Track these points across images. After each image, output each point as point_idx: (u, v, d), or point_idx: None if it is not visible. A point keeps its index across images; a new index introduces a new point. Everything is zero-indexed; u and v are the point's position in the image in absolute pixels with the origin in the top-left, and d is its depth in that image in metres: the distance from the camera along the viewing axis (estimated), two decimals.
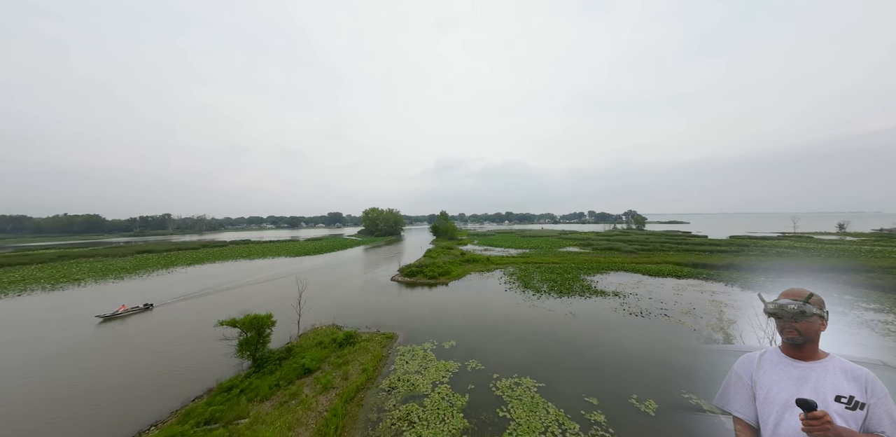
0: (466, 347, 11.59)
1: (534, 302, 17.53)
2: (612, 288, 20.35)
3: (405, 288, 22.27)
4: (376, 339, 12.13)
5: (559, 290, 20.13)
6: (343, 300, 18.72)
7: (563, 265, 29.29)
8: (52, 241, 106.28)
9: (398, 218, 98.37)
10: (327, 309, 16.78)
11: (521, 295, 19.25)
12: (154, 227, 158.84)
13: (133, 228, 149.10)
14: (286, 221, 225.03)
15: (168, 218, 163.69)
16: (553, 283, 22.01)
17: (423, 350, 11.28)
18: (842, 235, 59.63)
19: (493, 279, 24.18)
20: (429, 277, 24.39)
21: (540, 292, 19.98)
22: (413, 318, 15.25)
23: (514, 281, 23.16)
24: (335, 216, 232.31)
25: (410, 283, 23.74)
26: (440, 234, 71.28)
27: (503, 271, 27.48)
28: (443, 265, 27.21)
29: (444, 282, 23.78)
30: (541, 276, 24.43)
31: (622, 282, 22.28)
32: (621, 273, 25.70)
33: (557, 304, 17.17)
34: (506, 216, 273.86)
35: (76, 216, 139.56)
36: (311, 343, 11.48)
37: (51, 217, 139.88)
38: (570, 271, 26.02)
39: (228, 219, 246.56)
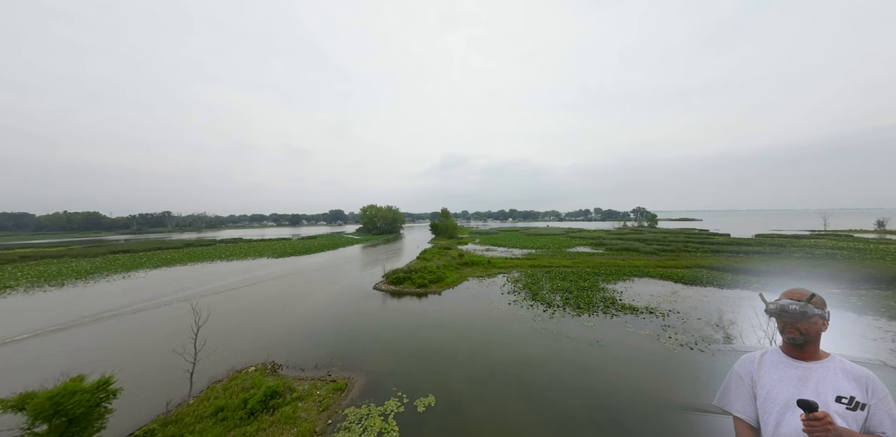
0: (451, 409, 7.66)
1: (546, 323, 13.54)
2: (642, 302, 16.28)
3: (388, 299, 18.44)
4: (317, 392, 8.22)
5: (576, 303, 16.13)
6: (301, 321, 14.60)
7: (576, 270, 25.20)
8: (50, 238, 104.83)
9: (397, 215, 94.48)
10: (275, 337, 12.82)
11: (530, 311, 15.29)
12: (154, 224, 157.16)
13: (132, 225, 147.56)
14: (288, 218, 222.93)
15: (168, 216, 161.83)
16: (567, 293, 18.00)
17: (382, 416, 7.38)
18: (881, 233, 54.18)
19: (494, 288, 20.23)
20: (418, 285, 20.48)
21: (552, 306, 16.00)
22: (385, 348, 11.35)
23: (520, 290, 19.18)
24: (337, 214, 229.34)
25: (395, 293, 19.90)
26: (439, 232, 67.41)
27: (506, 277, 23.51)
28: (436, 270, 23.29)
29: (436, 291, 19.90)
30: (552, 284, 20.41)
31: (653, 293, 18.15)
32: (648, 280, 21.54)
33: (576, 326, 13.17)
34: (510, 214, 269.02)
35: (76, 214, 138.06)
36: (206, 410, 7.26)
37: (51, 215, 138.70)
38: (586, 278, 21.96)
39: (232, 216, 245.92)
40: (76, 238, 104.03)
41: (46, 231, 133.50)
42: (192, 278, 25.20)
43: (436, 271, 23.14)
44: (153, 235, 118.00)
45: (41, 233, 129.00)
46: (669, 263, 26.84)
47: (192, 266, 31.93)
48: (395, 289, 20.41)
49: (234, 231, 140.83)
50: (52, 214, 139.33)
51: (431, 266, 24.46)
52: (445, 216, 73.03)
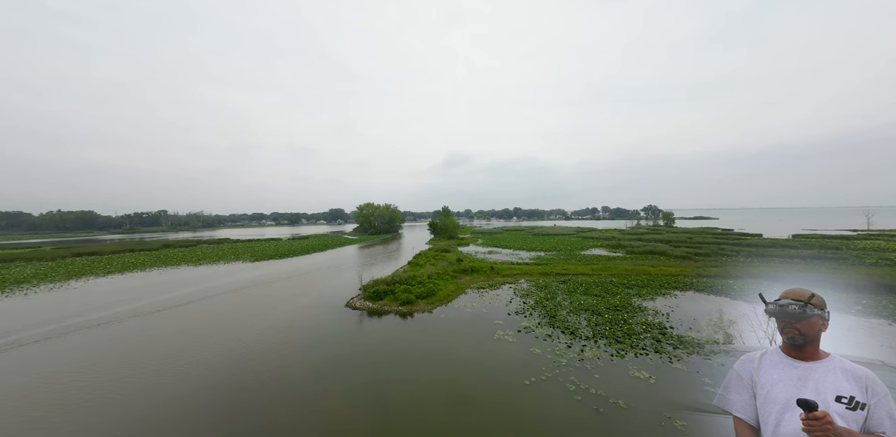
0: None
1: (575, 370, 9.11)
2: (702, 330, 11.79)
3: (364, 320, 14.14)
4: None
5: (611, 332, 11.70)
6: (213, 372, 10.16)
7: (599, 279, 20.70)
8: (38, 238, 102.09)
9: (395, 214, 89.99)
10: (147, 411, 8.60)
11: (548, 345, 10.89)
12: (149, 224, 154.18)
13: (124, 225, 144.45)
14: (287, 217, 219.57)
15: (164, 214, 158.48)
16: (596, 315, 13.55)
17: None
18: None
19: (498, 305, 15.84)
20: (401, 302, 16.11)
21: (576, 335, 11.61)
22: (328, 419, 7.03)
23: (532, 309, 14.77)
24: (337, 213, 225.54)
25: (373, 311, 15.58)
26: (439, 232, 63.02)
27: (513, 288, 19.12)
28: (426, 281, 18.89)
29: (425, 308, 15.57)
30: (571, 300, 15.95)
31: (709, 314, 13.63)
32: (693, 295, 17.00)
33: (621, 375, 8.72)
34: (514, 212, 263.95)
35: (69, 213, 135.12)
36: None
37: (45, 214, 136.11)
38: (615, 291, 17.48)
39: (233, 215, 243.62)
40: (67, 238, 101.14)
41: (40, 231, 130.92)
42: (136, 290, 20.89)
43: (426, 282, 18.74)
44: (147, 234, 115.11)
45: (33, 232, 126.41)
46: (711, 270, 22.22)
47: (150, 273, 27.71)
48: (371, 306, 16.06)
49: (231, 230, 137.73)
50: (47, 213, 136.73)
51: (422, 276, 20.08)
52: (446, 215, 68.63)
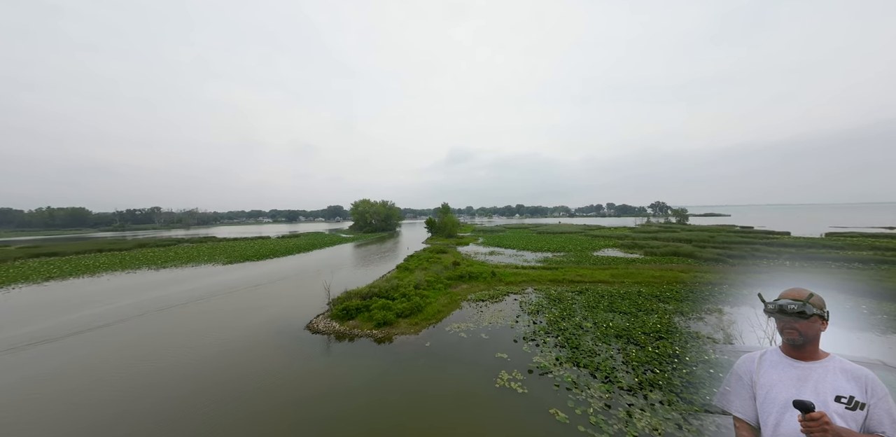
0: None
1: None
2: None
3: (326, 349, 10.59)
4: None
5: (662, 377, 8.13)
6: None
7: (622, 290, 17.08)
8: (24, 236, 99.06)
9: (392, 211, 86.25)
10: None
11: (573, 399, 7.31)
12: (142, 221, 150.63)
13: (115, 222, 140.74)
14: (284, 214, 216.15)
15: (157, 211, 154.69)
16: (632, 345, 9.94)
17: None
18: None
19: (501, 327, 12.21)
20: (377, 323, 12.51)
21: (615, 382, 8.02)
22: None
23: (544, 334, 11.18)
24: (335, 210, 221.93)
25: (341, 335, 12.04)
26: (437, 230, 59.44)
27: (519, 301, 15.54)
28: (412, 294, 15.26)
29: (408, 330, 12.03)
30: (595, 320, 12.33)
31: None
32: (754, 312, 13.40)
33: None
34: (516, 209, 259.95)
35: (59, 210, 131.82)
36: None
37: (34, 211, 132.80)
38: (646, 306, 13.86)
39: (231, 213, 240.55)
40: (55, 235, 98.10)
41: (28, 228, 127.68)
42: (50, 306, 16.67)
43: (412, 295, 15.09)
44: (140, 232, 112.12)
45: (22, 230, 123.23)
46: (759, 277, 18.56)
47: (96, 279, 24.08)
48: (339, 329, 12.48)
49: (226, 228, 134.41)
50: (36, 209, 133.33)
51: (408, 284, 16.50)
52: (445, 212, 65.01)
